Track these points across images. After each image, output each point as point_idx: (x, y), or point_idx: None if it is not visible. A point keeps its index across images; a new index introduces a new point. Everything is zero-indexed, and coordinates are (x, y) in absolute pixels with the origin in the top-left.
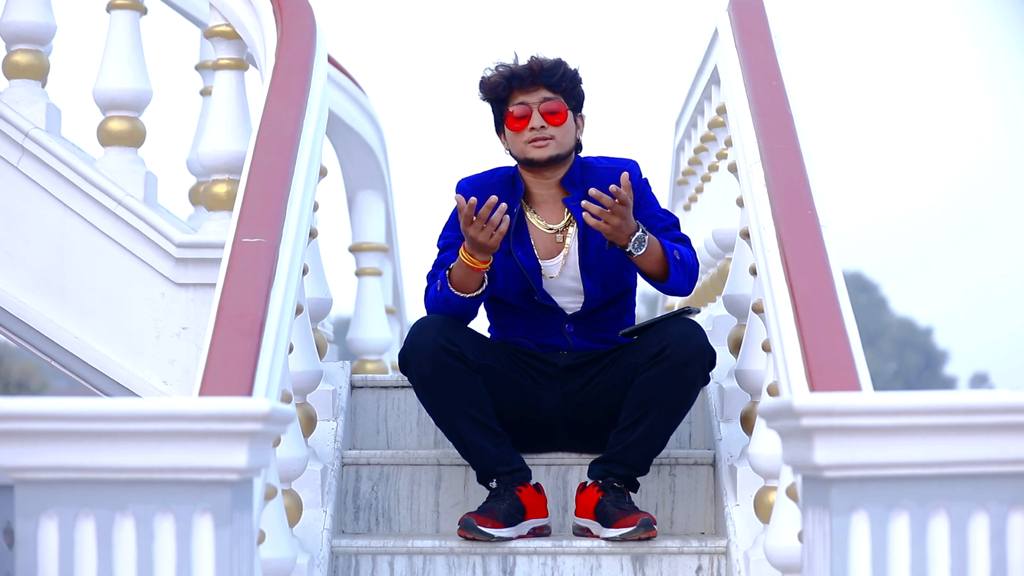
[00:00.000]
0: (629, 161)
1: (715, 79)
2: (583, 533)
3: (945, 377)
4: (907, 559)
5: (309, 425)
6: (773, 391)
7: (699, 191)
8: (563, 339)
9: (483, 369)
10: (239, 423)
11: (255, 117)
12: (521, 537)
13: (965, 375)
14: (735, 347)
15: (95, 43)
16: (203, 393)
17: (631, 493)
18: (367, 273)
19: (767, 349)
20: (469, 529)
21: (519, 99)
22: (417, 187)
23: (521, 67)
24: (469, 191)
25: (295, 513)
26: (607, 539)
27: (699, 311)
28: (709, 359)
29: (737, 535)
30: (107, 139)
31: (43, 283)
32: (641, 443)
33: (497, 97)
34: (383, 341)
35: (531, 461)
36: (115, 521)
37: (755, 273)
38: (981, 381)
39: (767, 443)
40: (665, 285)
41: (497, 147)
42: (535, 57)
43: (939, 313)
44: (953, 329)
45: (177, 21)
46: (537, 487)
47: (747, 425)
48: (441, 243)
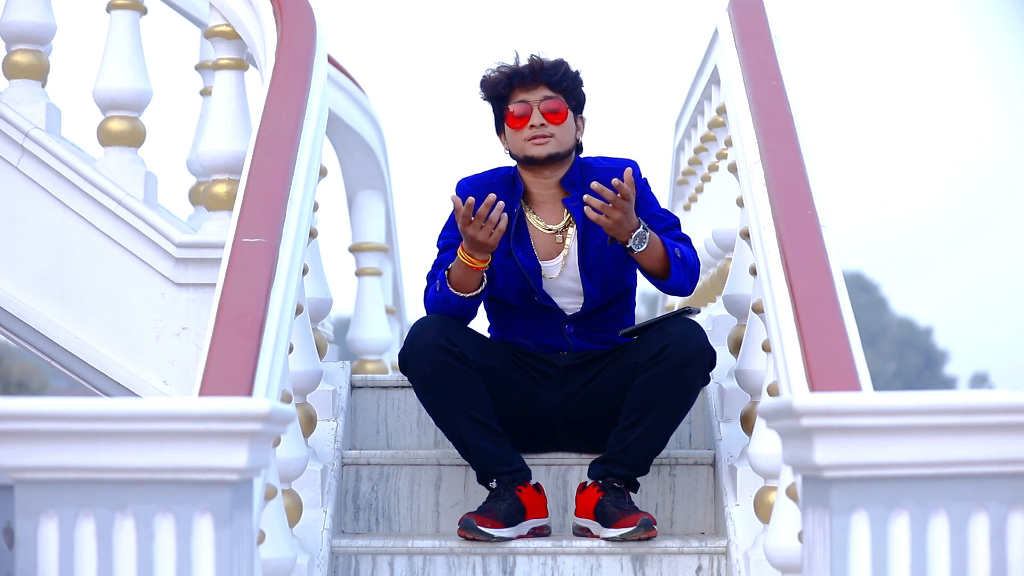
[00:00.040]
0: (629, 161)
1: (715, 79)
2: (583, 533)
3: (945, 377)
4: (907, 559)
5: (309, 425)
6: (773, 391)
7: (699, 191)
8: (563, 339)
9: (483, 369)
10: (239, 423)
11: (255, 117)
12: (521, 537)
13: (965, 375)
14: (735, 347)
15: (95, 43)
16: (203, 393)
17: (631, 493)
18: (367, 273)
19: (767, 349)
20: (469, 529)
21: (520, 97)
22: (417, 187)
23: (522, 65)
24: (469, 191)
25: (295, 513)
26: (607, 539)
27: (699, 311)
28: (709, 359)
29: (737, 535)
30: (107, 139)
31: (43, 283)
32: (641, 443)
33: (498, 95)
34: (383, 341)
35: (531, 461)
36: (115, 521)
37: (755, 273)
38: (981, 381)
39: (767, 443)
40: (666, 284)
41: (497, 147)
42: (536, 56)
43: (939, 313)
44: (953, 329)
45: (177, 21)
46: (537, 487)
47: (747, 425)
48: (441, 243)
